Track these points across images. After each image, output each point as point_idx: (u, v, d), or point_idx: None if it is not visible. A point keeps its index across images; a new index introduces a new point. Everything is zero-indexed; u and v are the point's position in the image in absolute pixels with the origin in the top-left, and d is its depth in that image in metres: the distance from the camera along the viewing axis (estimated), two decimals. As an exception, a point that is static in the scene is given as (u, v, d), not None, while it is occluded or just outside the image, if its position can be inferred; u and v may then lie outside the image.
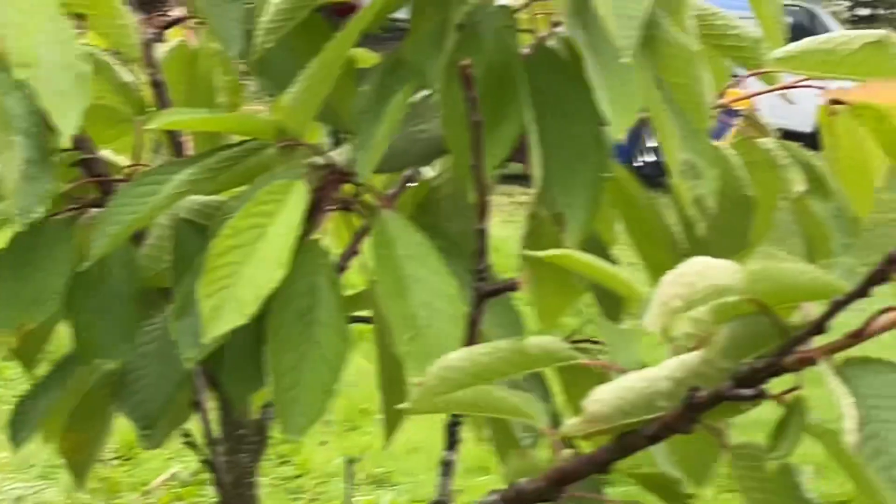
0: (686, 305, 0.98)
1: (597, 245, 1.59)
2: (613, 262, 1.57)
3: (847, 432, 0.89)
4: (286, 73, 1.41)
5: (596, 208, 1.33)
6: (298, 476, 5.09)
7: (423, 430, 4.75)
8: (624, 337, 1.45)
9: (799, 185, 1.47)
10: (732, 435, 1.17)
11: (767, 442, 1.01)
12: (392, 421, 1.59)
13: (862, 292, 0.94)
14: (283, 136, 1.40)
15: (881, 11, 21.70)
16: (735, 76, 1.64)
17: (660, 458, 1.34)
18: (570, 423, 1.11)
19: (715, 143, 1.56)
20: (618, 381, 1.09)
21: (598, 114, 1.32)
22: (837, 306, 0.95)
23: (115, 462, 5.01)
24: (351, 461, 1.91)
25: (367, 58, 1.56)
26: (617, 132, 1.25)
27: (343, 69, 1.38)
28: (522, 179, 1.41)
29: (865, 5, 22.01)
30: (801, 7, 15.92)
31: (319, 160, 1.42)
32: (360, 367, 1.54)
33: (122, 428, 1.57)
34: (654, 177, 1.39)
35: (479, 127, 1.24)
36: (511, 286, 1.28)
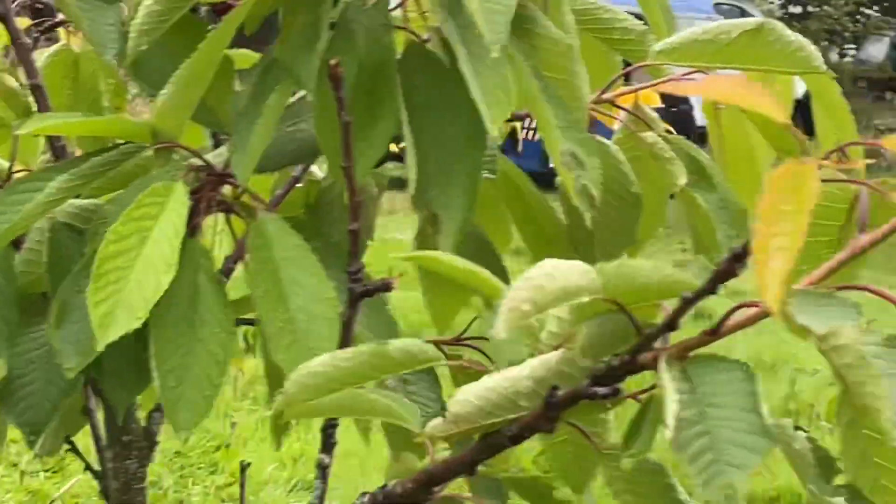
0: (536, 309, 0.96)
1: (484, 245, 1.58)
2: (499, 261, 1.56)
3: (667, 427, 0.88)
4: (163, 74, 1.39)
5: (472, 209, 1.31)
6: (230, 484, 5.05)
7: (357, 436, 4.71)
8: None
9: (682, 177, 1.46)
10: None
11: (623, 440, 1.00)
12: (279, 426, 1.57)
13: (710, 289, 0.93)
14: (159, 139, 1.38)
15: (813, 9, 21.84)
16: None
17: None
18: (433, 423, 1.09)
19: (601, 139, 1.55)
20: (481, 381, 1.08)
21: (475, 113, 1.31)
22: (687, 303, 0.94)
23: (44, 474, 4.95)
24: (247, 465, 1.88)
25: (249, 58, 1.54)
26: (491, 123, 1.24)
27: (220, 70, 1.36)
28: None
29: (797, 3, 22.13)
30: (732, 6, 16.03)
31: (197, 162, 1.40)
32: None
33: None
34: (552, 177, 1.39)
35: (347, 127, 1.23)
36: (385, 286, 1.26)
